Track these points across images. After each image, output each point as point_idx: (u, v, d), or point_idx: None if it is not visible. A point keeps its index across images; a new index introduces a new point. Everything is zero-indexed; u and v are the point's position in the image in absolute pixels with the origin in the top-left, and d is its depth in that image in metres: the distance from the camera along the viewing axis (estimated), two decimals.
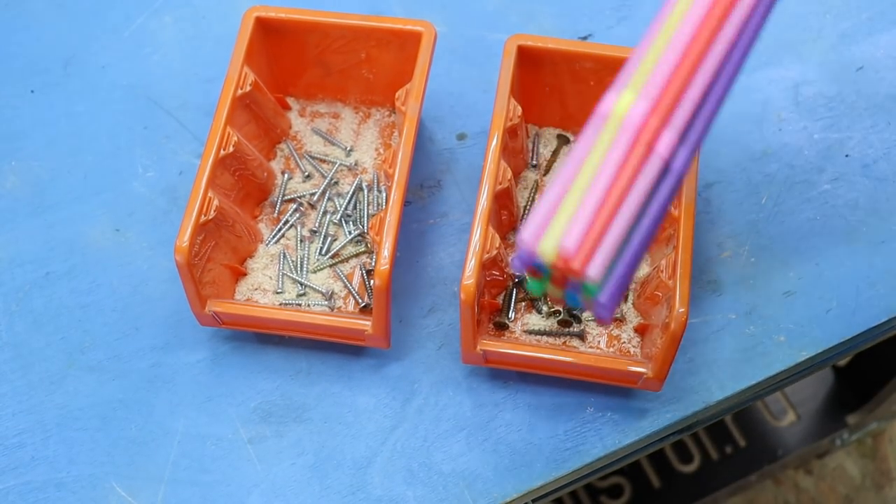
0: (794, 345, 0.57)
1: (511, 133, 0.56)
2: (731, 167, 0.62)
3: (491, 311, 0.57)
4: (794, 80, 0.65)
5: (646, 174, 0.33)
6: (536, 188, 0.61)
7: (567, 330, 0.56)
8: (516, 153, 0.59)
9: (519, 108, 0.56)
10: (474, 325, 0.52)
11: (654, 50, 0.33)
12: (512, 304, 0.57)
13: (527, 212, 0.59)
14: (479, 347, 0.53)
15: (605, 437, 0.55)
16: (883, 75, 0.65)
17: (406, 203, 0.61)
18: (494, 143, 0.54)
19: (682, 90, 0.33)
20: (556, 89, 0.60)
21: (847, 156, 0.62)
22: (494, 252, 0.52)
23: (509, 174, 0.55)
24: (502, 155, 0.55)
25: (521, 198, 0.60)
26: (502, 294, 0.58)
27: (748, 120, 0.64)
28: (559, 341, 0.56)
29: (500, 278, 0.57)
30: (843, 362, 1.02)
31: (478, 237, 0.52)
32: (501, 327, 0.57)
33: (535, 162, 0.61)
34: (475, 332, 0.53)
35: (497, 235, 0.53)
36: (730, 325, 0.58)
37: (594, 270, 0.33)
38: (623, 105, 0.32)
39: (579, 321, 0.57)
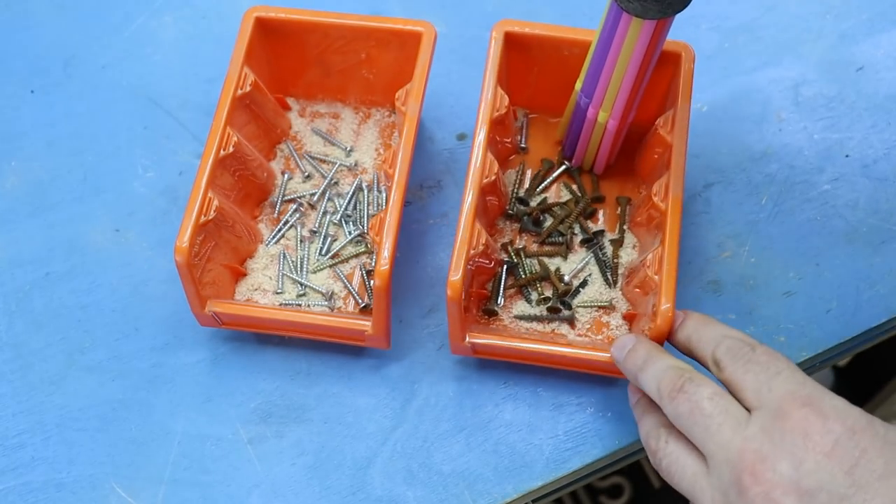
0: (794, 345, 0.57)
1: (498, 122, 0.56)
2: (731, 167, 0.62)
3: (479, 300, 0.57)
4: (794, 81, 0.65)
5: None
6: (523, 171, 0.61)
7: (556, 316, 0.56)
8: (504, 140, 0.60)
9: (506, 98, 0.56)
10: (461, 318, 0.52)
11: (614, 80, 0.54)
12: (501, 291, 0.57)
13: (514, 194, 0.60)
14: (467, 339, 0.53)
15: (605, 438, 0.55)
16: (883, 75, 0.65)
17: (406, 203, 0.61)
18: (481, 138, 0.54)
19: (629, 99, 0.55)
20: (543, 74, 0.60)
21: (847, 156, 0.62)
22: (480, 248, 0.53)
23: (496, 167, 0.55)
24: (489, 146, 0.55)
25: (509, 181, 0.61)
26: (491, 281, 0.58)
27: (748, 120, 0.64)
28: (548, 328, 0.57)
29: (489, 266, 0.57)
30: (843, 362, 1.02)
31: (463, 234, 0.52)
32: (490, 314, 0.57)
33: (523, 145, 0.62)
34: (463, 325, 0.53)
35: (483, 231, 0.53)
36: (730, 324, 0.57)
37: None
38: (602, 119, 0.56)
39: (569, 307, 0.57)
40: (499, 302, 0.57)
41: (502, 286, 0.57)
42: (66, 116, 0.66)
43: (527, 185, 0.61)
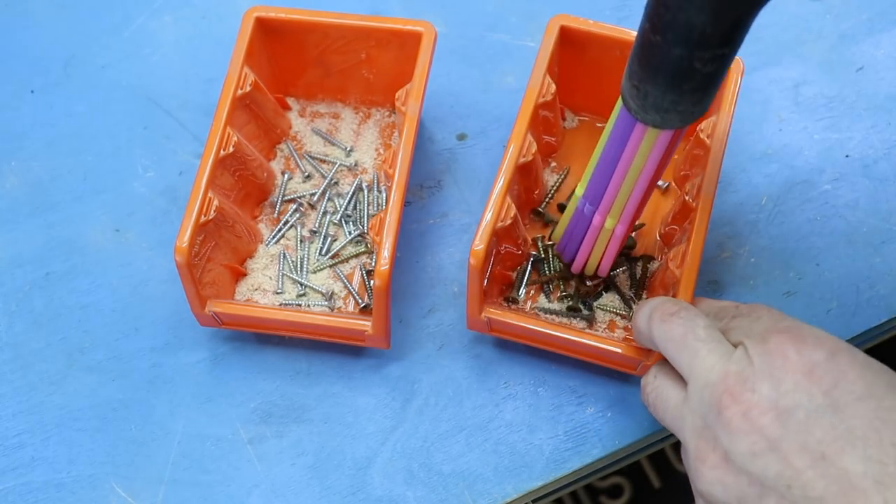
0: None
1: (543, 108, 0.56)
2: (730, 168, 0.62)
3: (502, 284, 0.57)
4: (794, 81, 0.65)
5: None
6: (568, 173, 0.61)
7: (576, 314, 0.56)
8: (547, 136, 0.59)
9: (553, 86, 0.56)
10: (481, 291, 0.52)
11: (624, 188, 0.50)
12: (524, 283, 0.57)
13: (550, 197, 0.60)
14: (484, 315, 0.53)
15: (605, 438, 0.55)
16: (883, 75, 0.65)
17: (406, 203, 0.61)
18: (526, 114, 0.54)
19: (635, 209, 0.52)
20: (594, 74, 0.59)
21: (847, 156, 0.62)
22: (509, 221, 0.52)
23: (534, 148, 0.54)
24: (531, 129, 0.54)
25: (550, 180, 0.60)
26: (516, 270, 0.58)
27: (748, 120, 0.64)
28: (565, 320, 0.56)
29: (517, 252, 0.57)
30: None
31: (494, 203, 0.52)
32: (511, 303, 0.57)
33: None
34: (481, 298, 0.53)
35: (513, 206, 0.53)
36: None
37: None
38: (609, 225, 0.52)
39: (590, 308, 0.57)
40: (520, 294, 0.57)
41: (526, 278, 0.57)
42: (66, 116, 0.66)
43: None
